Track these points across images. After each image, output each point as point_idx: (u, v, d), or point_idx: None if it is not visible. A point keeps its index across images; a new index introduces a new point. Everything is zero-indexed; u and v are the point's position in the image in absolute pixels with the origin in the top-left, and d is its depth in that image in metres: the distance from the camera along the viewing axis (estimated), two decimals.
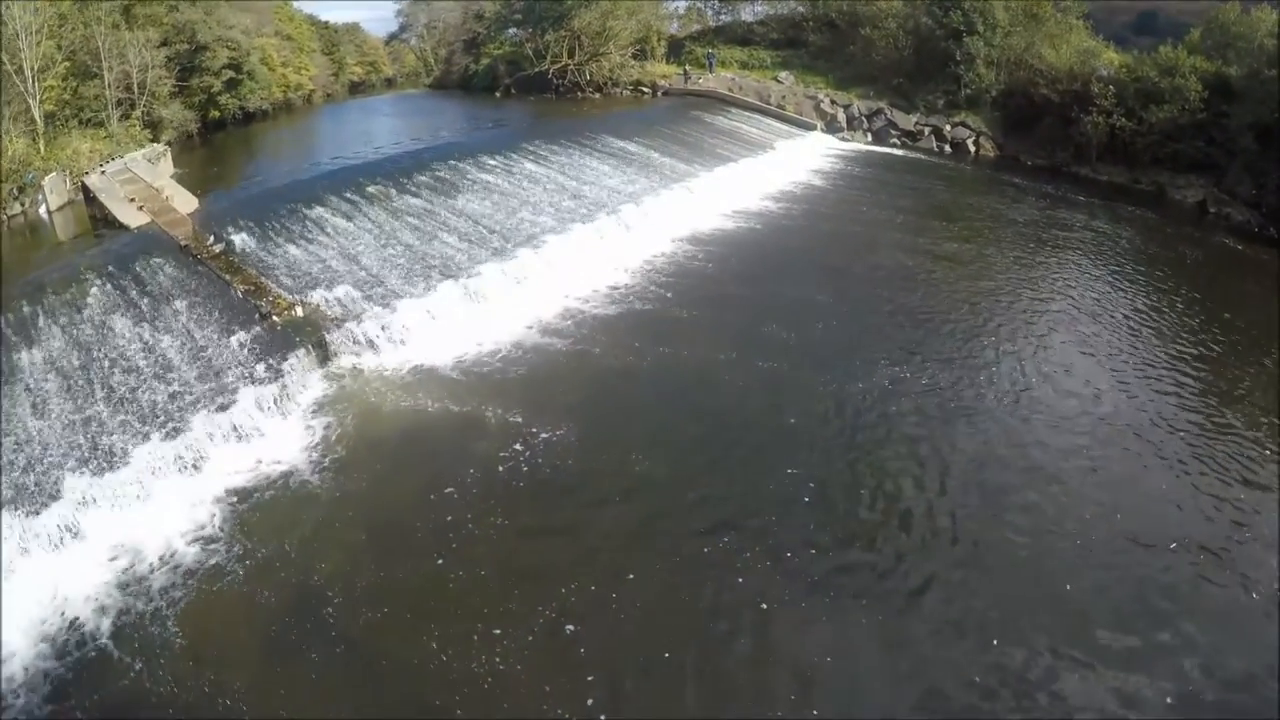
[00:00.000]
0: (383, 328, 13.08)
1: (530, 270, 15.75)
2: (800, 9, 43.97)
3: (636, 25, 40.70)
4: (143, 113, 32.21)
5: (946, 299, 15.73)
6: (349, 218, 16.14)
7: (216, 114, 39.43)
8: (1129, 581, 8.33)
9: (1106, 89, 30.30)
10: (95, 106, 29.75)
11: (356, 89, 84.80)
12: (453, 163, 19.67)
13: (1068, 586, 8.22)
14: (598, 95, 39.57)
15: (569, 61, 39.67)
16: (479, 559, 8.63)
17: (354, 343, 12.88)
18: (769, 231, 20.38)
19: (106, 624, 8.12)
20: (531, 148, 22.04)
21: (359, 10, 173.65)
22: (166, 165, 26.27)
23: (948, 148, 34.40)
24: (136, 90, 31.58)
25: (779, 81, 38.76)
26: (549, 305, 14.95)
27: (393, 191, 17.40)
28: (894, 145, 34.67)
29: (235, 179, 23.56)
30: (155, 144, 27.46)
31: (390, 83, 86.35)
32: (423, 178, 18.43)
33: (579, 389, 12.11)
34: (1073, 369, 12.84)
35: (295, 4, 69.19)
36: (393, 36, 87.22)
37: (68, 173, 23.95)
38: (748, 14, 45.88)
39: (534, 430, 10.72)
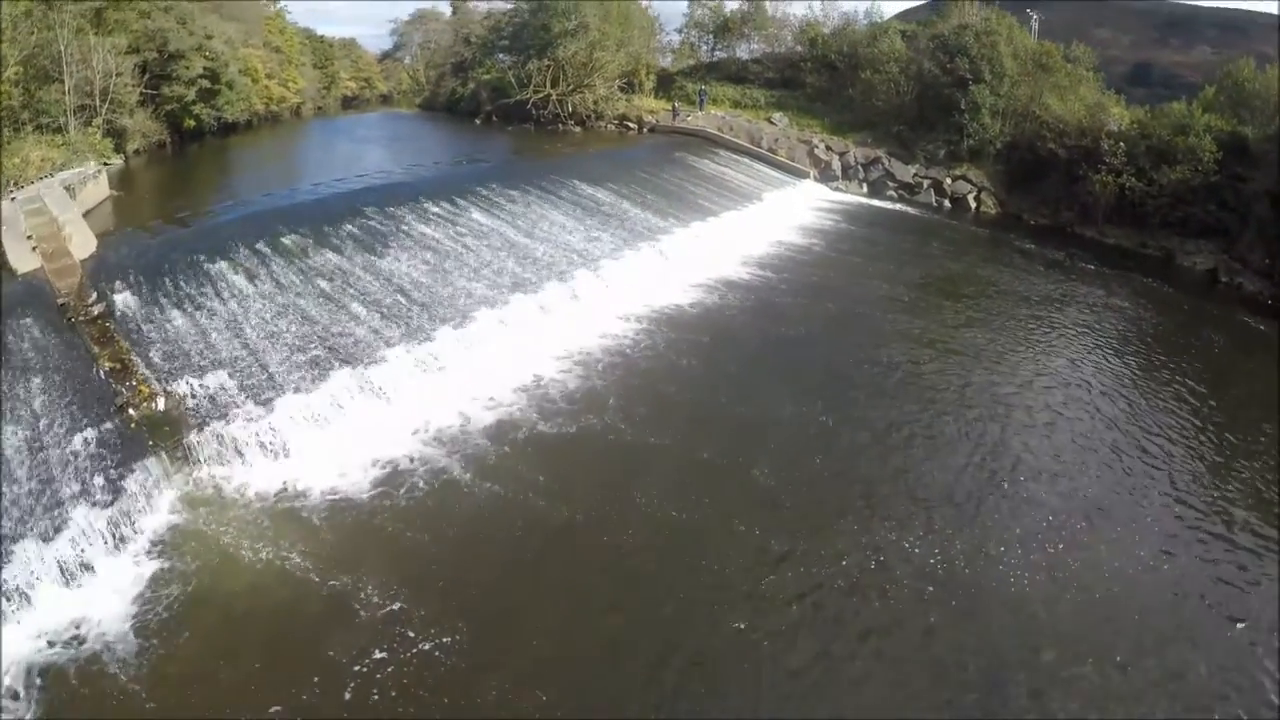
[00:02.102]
0: (255, 433, 10.61)
1: (449, 358, 13.14)
2: (799, 48, 42.44)
3: (625, 57, 38.79)
4: (104, 121, 30.13)
5: (963, 414, 13.26)
6: (252, 276, 13.72)
7: (191, 124, 37.32)
8: None
9: (1117, 146, 28.60)
10: (54, 112, 27.74)
11: (350, 104, 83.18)
12: (391, 208, 17.20)
13: None
14: (579, 129, 37.53)
15: (551, 91, 37.63)
16: None
17: (219, 450, 10.45)
18: (756, 311, 17.69)
19: None
20: (486, 192, 19.58)
21: (359, 26, 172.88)
22: (99, 188, 23.79)
23: (947, 203, 32.50)
24: (98, 97, 29.57)
25: (772, 123, 36.89)
26: (467, 409, 12.15)
27: (311, 244, 14.90)
28: (890, 198, 32.74)
29: (167, 210, 20.97)
30: (89, 165, 24.99)
31: (386, 99, 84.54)
32: (351, 226, 15.94)
33: (482, 559, 9.26)
34: (1110, 513, 10.52)
35: (291, 17, 67.51)
36: (386, 54, 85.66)
37: (12, 184, 21.58)
38: (744, 51, 44.34)
39: (410, 634, 7.96)
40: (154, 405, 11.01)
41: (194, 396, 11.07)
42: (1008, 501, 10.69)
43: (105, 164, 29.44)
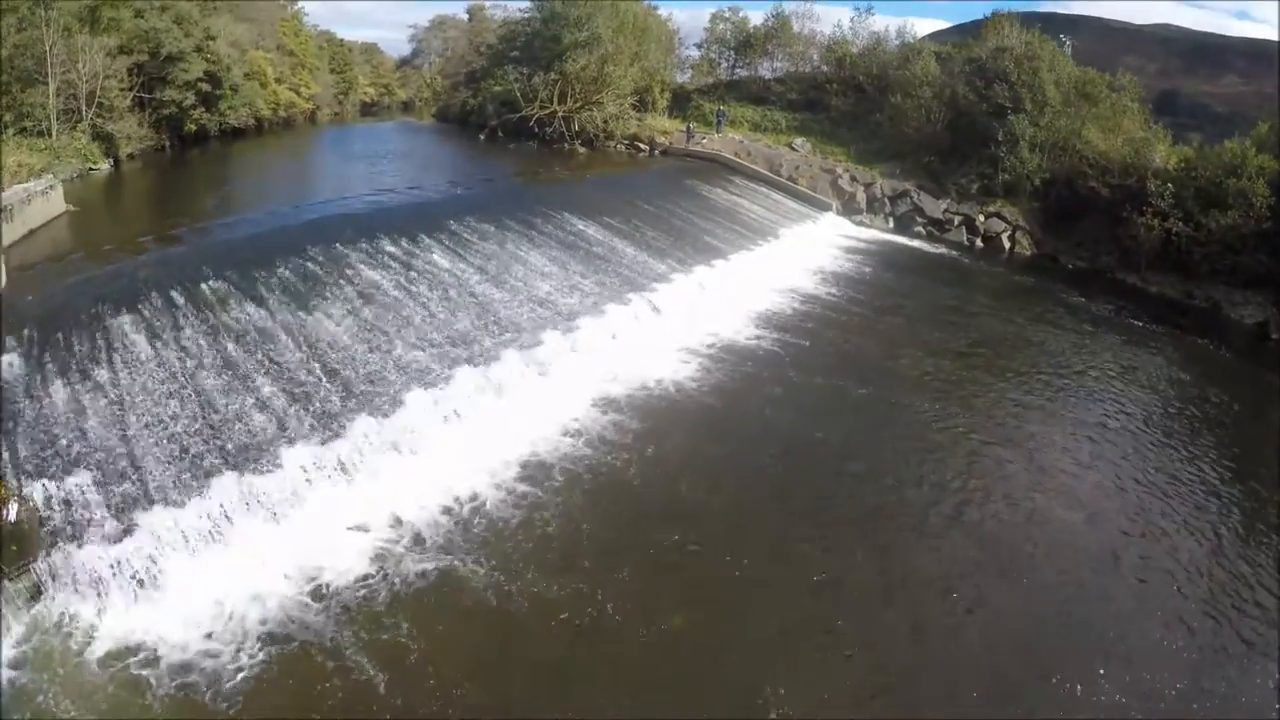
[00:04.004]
0: (112, 560, 8.36)
1: (367, 460, 10.47)
2: (824, 68, 40.13)
3: (639, 73, 36.61)
4: (90, 125, 28.52)
5: (1023, 565, 10.37)
6: (156, 336, 11.48)
7: (192, 128, 35.61)
8: None
9: (1164, 187, 26.16)
10: (39, 116, 26.53)
11: (369, 111, 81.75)
12: (339, 246, 14.76)
13: None
14: (585, 150, 35.30)
15: (557, 108, 35.46)
16: None
17: (71, 579, 8.22)
18: (770, 398, 14.45)
19: None
20: (454, 227, 17.00)
21: (384, 30, 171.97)
22: (50, 204, 21.70)
23: (979, 242, 30.08)
24: (84, 101, 28.02)
25: (793, 149, 34.60)
26: (384, 549, 9.38)
27: (234, 295, 12.54)
28: (918, 235, 30.35)
29: (110, 236, 18.41)
30: (41, 179, 23.08)
31: (407, 107, 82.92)
32: (285, 270, 13.49)
33: None
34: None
35: (312, 19, 66.01)
36: (404, 61, 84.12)
37: None
38: (766, 69, 42.07)
39: None
40: (5, 514, 8.87)
41: (50, 504, 8.88)
42: (1073, 707, 8.06)
43: (91, 169, 27.94)
